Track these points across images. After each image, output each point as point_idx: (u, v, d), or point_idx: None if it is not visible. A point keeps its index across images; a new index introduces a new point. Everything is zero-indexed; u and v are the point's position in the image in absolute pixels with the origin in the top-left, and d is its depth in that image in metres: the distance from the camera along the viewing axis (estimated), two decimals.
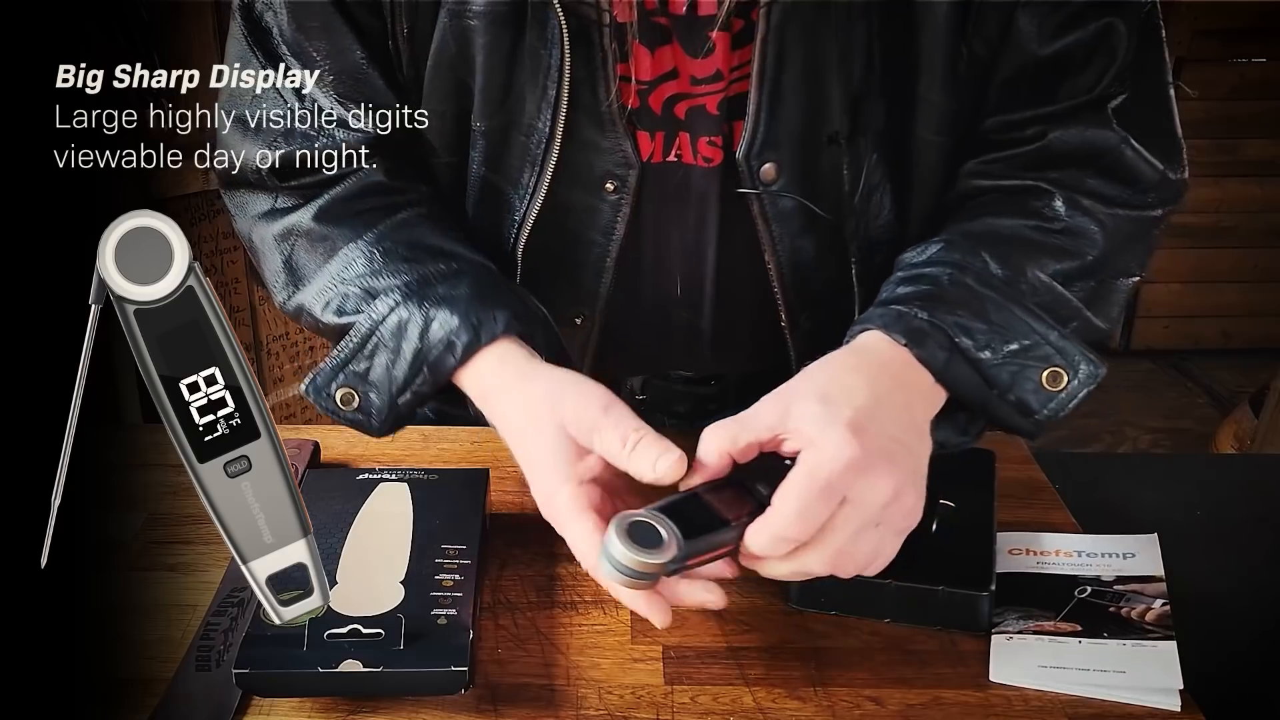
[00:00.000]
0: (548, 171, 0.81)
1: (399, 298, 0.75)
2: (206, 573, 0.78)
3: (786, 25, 0.76)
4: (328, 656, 0.65)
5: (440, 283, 0.75)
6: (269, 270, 0.84)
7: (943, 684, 0.69)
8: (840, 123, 0.79)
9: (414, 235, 0.80)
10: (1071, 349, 0.72)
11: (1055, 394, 0.72)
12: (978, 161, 0.82)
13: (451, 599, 0.70)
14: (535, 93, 0.79)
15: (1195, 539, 1.00)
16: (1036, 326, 0.72)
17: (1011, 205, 0.80)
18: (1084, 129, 0.78)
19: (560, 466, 0.66)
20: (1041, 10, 0.77)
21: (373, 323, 0.75)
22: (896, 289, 0.75)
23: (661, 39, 0.79)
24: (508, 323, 0.72)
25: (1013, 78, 0.79)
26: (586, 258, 0.85)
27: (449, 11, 0.78)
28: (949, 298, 0.72)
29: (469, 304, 0.73)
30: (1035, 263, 0.76)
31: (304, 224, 0.81)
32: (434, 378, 0.73)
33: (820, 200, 0.82)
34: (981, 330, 0.71)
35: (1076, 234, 0.78)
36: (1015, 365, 0.71)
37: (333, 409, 0.75)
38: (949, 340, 0.70)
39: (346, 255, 0.79)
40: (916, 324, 0.70)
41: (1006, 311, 0.72)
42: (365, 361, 0.75)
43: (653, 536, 0.60)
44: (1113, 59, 0.78)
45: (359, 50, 0.80)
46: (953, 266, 0.74)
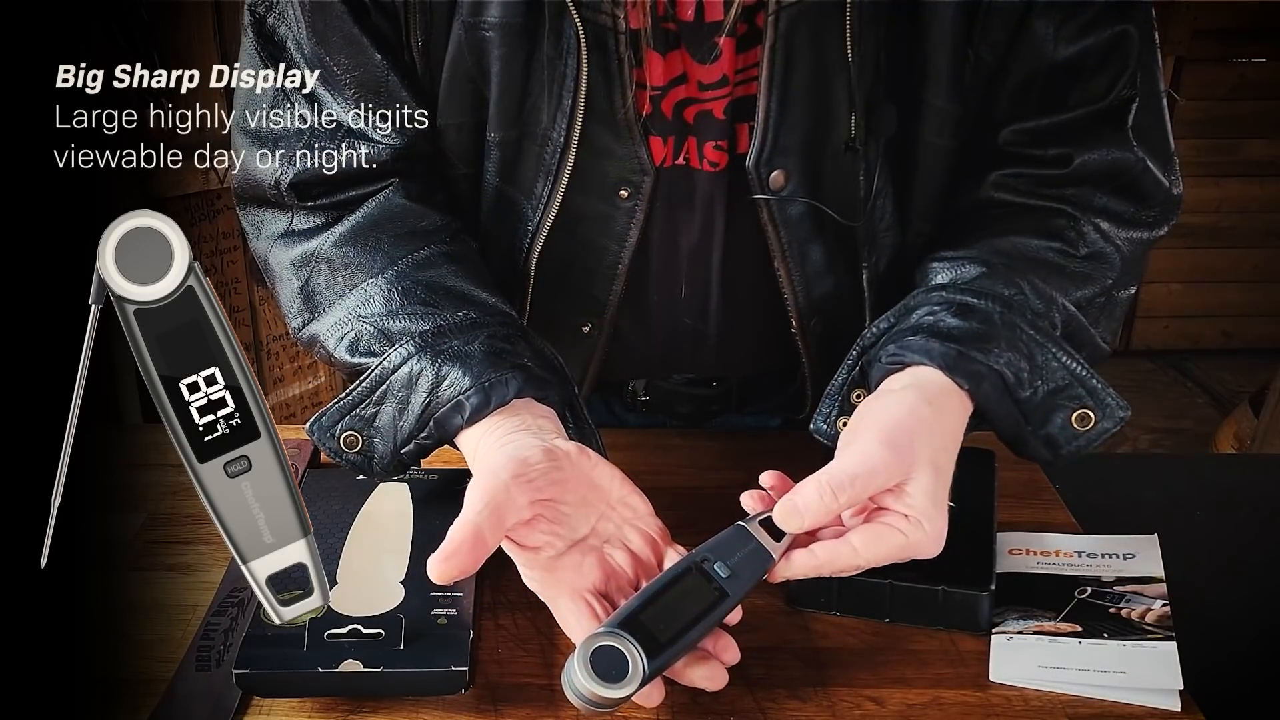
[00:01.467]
0: (562, 181, 0.80)
1: (413, 349, 0.73)
2: (206, 573, 0.78)
3: (794, 31, 0.76)
4: (328, 656, 0.65)
5: (456, 336, 0.74)
6: (284, 295, 0.82)
7: (943, 684, 0.69)
8: (854, 129, 0.79)
9: (434, 276, 0.78)
10: (1102, 392, 0.73)
11: (1083, 433, 0.73)
12: (1001, 174, 0.82)
13: (451, 599, 0.70)
14: (550, 102, 0.78)
15: (1195, 539, 1.00)
16: (1072, 368, 0.73)
17: (1035, 225, 0.80)
18: (1108, 151, 0.79)
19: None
20: (1059, 15, 0.77)
21: (385, 371, 0.74)
22: (948, 319, 0.74)
23: (671, 44, 0.79)
24: (520, 387, 0.71)
25: (1026, 82, 0.79)
26: (599, 265, 0.85)
27: (464, 24, 0.78)
28: (1001, 338, 0.73)
29: (482, 364, 0.72)
30: (1061, 291, 0.77)
31: (323, 250, 0.80)
32: (439, 434, 0.72)
33: (832, 206, 0.82)
34: (1027, 371, 0.72)
35: (1097, 260, 0.80)
36: (1050, 404, 0.73)
37: (335, 449, 0.75)
38: (1001, 383, 0.72)
39: (365, 291, 0.78)
40: (975, 367, 0.71)
41: (1048, 352, 0.73)
42: (373, 408, 0.74)
43: (619, 663, 0.60)
44: (1126, 64, 0.78)
45: (380, 62, 0.79)
46: (1001, 304, 0.74)
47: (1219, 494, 1.17)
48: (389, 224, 0.81)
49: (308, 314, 0.80)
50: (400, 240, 0.80)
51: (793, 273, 0.84)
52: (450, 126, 0.82)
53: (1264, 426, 2.50)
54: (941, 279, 0.79)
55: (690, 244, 0.86)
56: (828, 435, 0.76)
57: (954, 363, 0.71)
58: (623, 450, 0.93)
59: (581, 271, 0.85)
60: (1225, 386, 3.27)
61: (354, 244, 0.80)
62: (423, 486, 0.81)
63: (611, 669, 0.59)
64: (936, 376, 0.71)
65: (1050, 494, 0.90)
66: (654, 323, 0.90)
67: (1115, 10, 0.77)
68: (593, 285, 0.85)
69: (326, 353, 0.79)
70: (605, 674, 0.59)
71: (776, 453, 0.91)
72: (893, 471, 0.65)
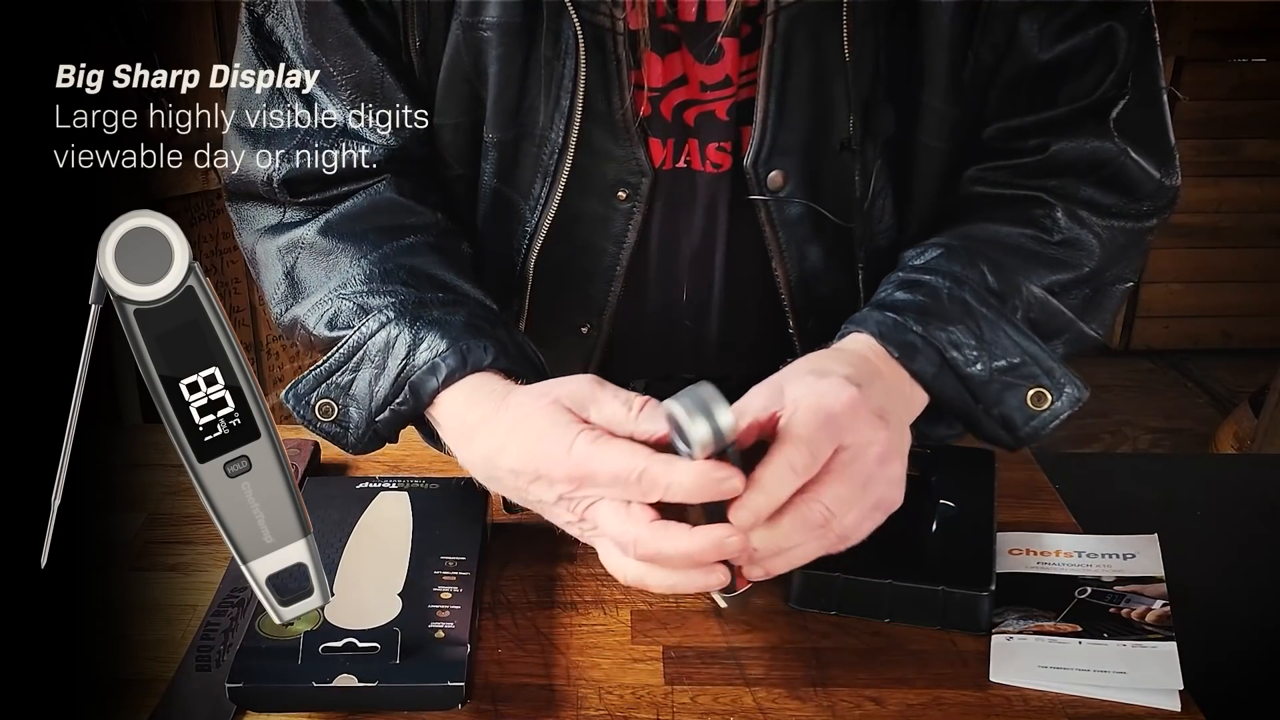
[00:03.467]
0: (560, 182, 0.80)
1: (391, 315, 0.73)
2: (206, 573, 0.78)
3: (794, 32, 0.76)
4: (322, 670, 0.65)
5: (436, 307, 0.74)
6: (269, 282, 0.82)
7: (943, 684, 0.69)
8: (851, 129, 0.79)
9: (418, 262, 0.78)
10: (1058, 371, 0.72)
11: (1038, 413, 0.72)
12: (979, 168, 0.82)
13: (449, 611, 0.70)
14: (548, 103, 0.78)
15: (1195, 539, 1.00)
16: (1026, 346, 0.73)
17: (1011, 213, 0.80)
18: (1086, 140, 0.79)
19: (568, 424, 0.63)
20: (1042, 15, 0.77)
21: (362, 336, 0.73)
22: (895, 293, 0.75)
23: (671, 45, 0.78)
24: (496, 355, 0.71)
25: (1013, 82, 0.79)
26: (597, 267, 0.84)
27: (461, 23, 0.78)
28: (945, 312, 0.73)
29: (461, 331, 0.72)
30: (1031, 274, 0.77)
31: (309, 237, 0.80)
32: (415, 399, 0.71)
33: (829, 207, 0.82)
34: (972, 346, 0.72)
35: (1073, 246, 0.79)
36: (1001, 382, 0.72)
37: (310, 418, 0.74)
38: (939, 356, 0.71)
39: (346, 271, 0.78)
40: (910, 338, 0.71)
41: (998, 329, 0.73)
42: (349, 374, 0.74)
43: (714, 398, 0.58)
44: (1113, 63, 0.78)
45: (376, 62, 0.79)
46: (951, 280, 0.74)
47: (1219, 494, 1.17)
48: (376, 215, 0.81)
49: (290, 299, 0.80)
50: (386, 230, 0.80)
51: (790, 273, 0.84)
52: (447, 127, 0.82)
53: (1264, 426, 2.50)
54: (904, 262, 0.79)
55: (691, 246, 0.86)
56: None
57: (888, 330, 0.71)
58: None
59: (580, 273, 0.85)
60: (1225, 386, 3.27)
61: (339, 231, 0.80)
62: (423, 496, 0.81)
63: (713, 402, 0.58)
64: (867, 344, 0.71)
65: (1050, 494, 0.90)
66: (653, 324, 0.90)
67: (1101, 8, 0.77)
68: (591, 286, 0.85)
69: (307, 332, 0.78)
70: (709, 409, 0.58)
71: None
72: (763, 390, 0.64)
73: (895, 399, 0.69)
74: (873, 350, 0.71)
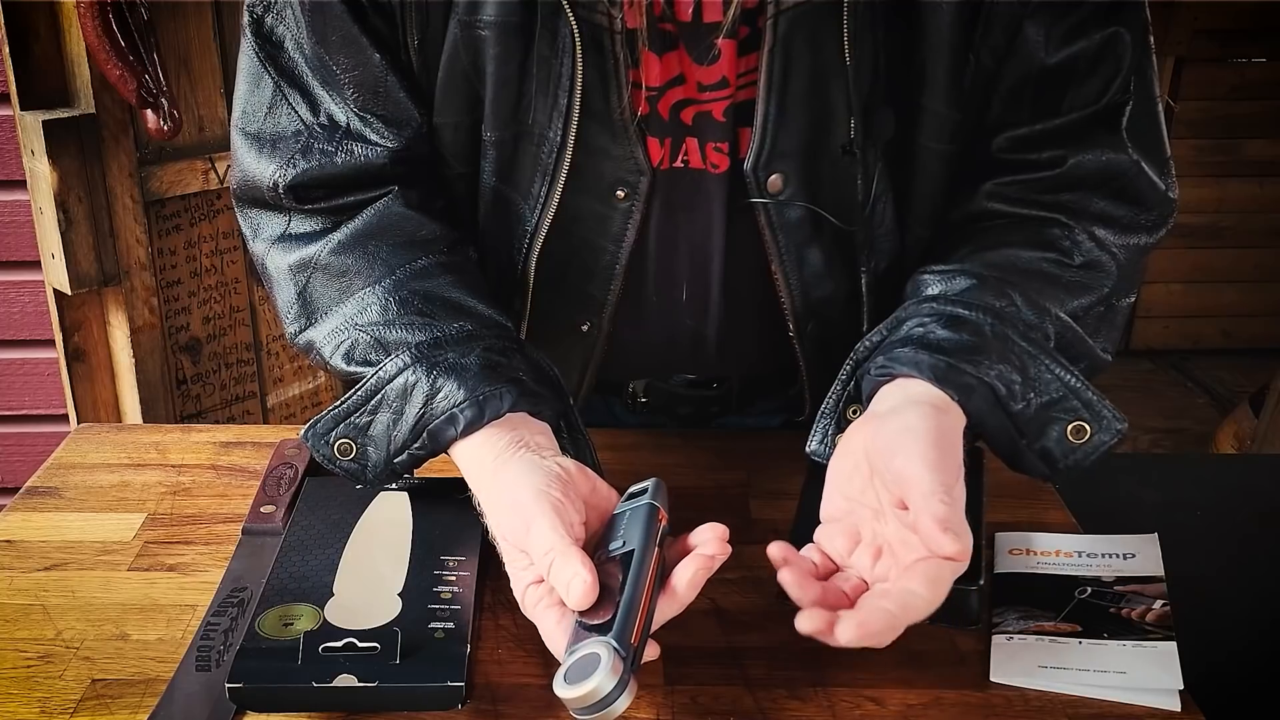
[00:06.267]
0: (559, 181, 0.80)
1: (409, 359, 0.73)
2: (206, 573, 0.78)
3: (793, 35, 0.76)
4: (322, 671, 0.64)
5: (452, 348, 0.74)
6: (281, 300, 0.82)
7: (943, 684, 0.69)
8: (852, 133, 0.79)
9: (431, 286, 0.79)
10: (1098, 404, 0.72)
11: (1079, 446, 0.72)
12: (995, 183, 0.82)
13: (449, 611, 0.70)
14: (546, 102, 0.78)
15: (1195, 539, 1.00)
16: (1066, 380, 0.72)
17: (1030, 235, 0.80)
18: (1102, 152, 0.78)
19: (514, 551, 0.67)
20: (1048, 18, 0.76)
21: (380, 380, 0.74)
22: (938, 331, 0.74)
23: (668, 44, 0.78)
24: (514, 401, 0.71)
25: (1017, 87, 0.79)
26: (596, 265, 0.84)
27: (459, 22, 0.78)
28: (992, 350, 0.72)
29: (478, 378, 0.72)
30: (1056, 301, 0.77)
31: (321, 258, 0.80)
32: (433, 445, 0.72)
33: (830, 210, 0.82)
34: (1019, 384, 0.72)
35: (1094, 268, 0.79)
36: (1045, 417, 0.72)
37: (329, 457, 0.74)
38: (993, 395, 0.71)
39: (362, 299, 0.78)
40: (966, 379, 0.71)
41: (1040, 363, 0.73)
42: (367, 416, 0.74)
43: (591, 664, 0.59)
44: (1118, 68, 0.77)
45: (379, 61, 0.79)
46: (993, 315, 0.74)
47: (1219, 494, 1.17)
48: (387, 232, 0.81)
49: (304, 320, 0.80)
50: (398, 249, 0.80)
51: (789, 276, 0.84)
52: (447, 125, 0.82)
53: (1264, 426, 2.50)
54: (932, 291, 0.78)
55: (691, 245, 0.86)
56: (826, 456, 0.74)
57: (943, 374, 0.70)
58: (623, 451, 0.93)
59: (579, 271, 0.85)
60: (1225, 386, 3.27)
61: (352, 251, 0.80)
62: (422, 496, 0.81)
63: (587, 670, 0.59)
64: (926, 389, 0.70)
65: (1050, 494, 0.90)
66: (653, 323, 0.90)
67: (1106, 13, 0.77)
68: (591, 285, 0.85)
69: (323, 359, 0.79)
70: (582, 676, 0.59)
71: (776, 453, 0.92)
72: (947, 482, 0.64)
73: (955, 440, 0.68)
74: (935, 395, 0.70)
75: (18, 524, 0.83)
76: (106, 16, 1.55)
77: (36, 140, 1.64)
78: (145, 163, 1.73)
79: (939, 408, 0.69)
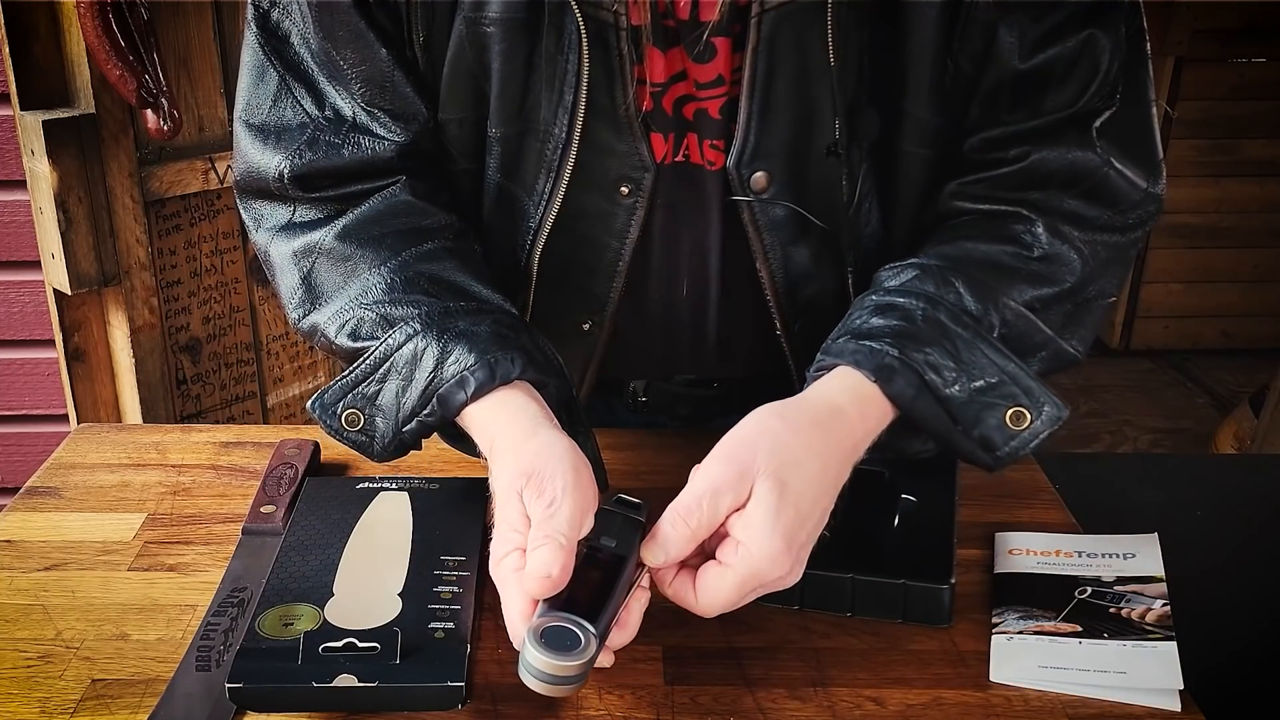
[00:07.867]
0: (564, 177, 0.80)
1: (418, 326, 0.73)
2: (206, 573, 0.78)
3: (778, 34, 0.76)
4: (322, 671, 0.64)
5: (461, 317, 0.74)
6: (285, 286, 0.82)
7: (943, 684, 0.69)
8: (837, 133, 0.79)
9: (437, 269, 0.79)
10: (1037, 390, 0.72)
11: (1017, 433, 0.72)
12: (960, 182, 0.81)
13: (449, 611, 0.70)
14: (552, 99, 0.78)
15: (1195, 539, 1.00)
16: (1004, 365, 0.72)
17: (991, 229, 0.79)
18: (1067, 150, 0.78)
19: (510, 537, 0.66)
20: (1021, 23, 0.76)
21: (389, 348, 0.74)
22: (870, 319, 0.74)
23: (671, 41, 0.78)
24: (524, 367, 0.72)
25: (993, 92, 0.78)
26: (599, 262, 0.84)
27: (465, 19, 0.78)
28: (921, 334, 0.72)
29: (489, 342, 0.72)
30: (1009, 290, 0.76)
31: (326, 243, 0.80)
32: (443, 411, 0.72)
33: (816, 210, 0.82)
34: (950, 368, 0.71)
35: (1054, 261, 0.78)
36: (980, 403, 0.72)
37: (336, 428, 0.74)
38: (918, 378, 0.71)
39: (366, 280, 0.78)
40: (887, 361, 0.70)
41: (975, 349, 0.72)
42: (375, 385, 0.74)
43: (569, 638, 0.60)
44: (1095, 72, 0.77)
45: (385, 56, 0.79)
46: (926, 300, 0.74)
47: (1219, 494, 1.17)
48: (393, 219, 0.81)
49: (309, 304, 0.80)
50: (404, 234, 0.80)
51: (775, 274, 0.84)
52: (452, 122, 0.82)
53: (1264, 426, 2.50)
54: (882, 284, 0.78)
55: (691, 242, 0.86)
56: None
57: (864, 359, 0.71)
58: (623, 450, 0.93)
59: (582, 268, 0.85)
60: (1225, 386, 3.27)
61: (357, 237, 0.80)
62: (423, 496, 0.81)
63: (565, 642, 0.60)
64: (854, 378, 0.70)
65: (1050, 494, 0.90)
66: (654, 321, 0.90)
67: (1082, 17, 0.76)
68: (593, 282, 0.85)
69: (328, 340, 0.79)
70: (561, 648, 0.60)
71: None
72: (736, 488, 0.64)
73: (837, 480, 0.68)
74: (852, 380, 0.70)
75: (18, 524, 0.83)
76: (106, 16, 1.55)
77: (36, 140, 1.64)
78: (145, 163, 1.73)
79: (824, 410, 0.69)
